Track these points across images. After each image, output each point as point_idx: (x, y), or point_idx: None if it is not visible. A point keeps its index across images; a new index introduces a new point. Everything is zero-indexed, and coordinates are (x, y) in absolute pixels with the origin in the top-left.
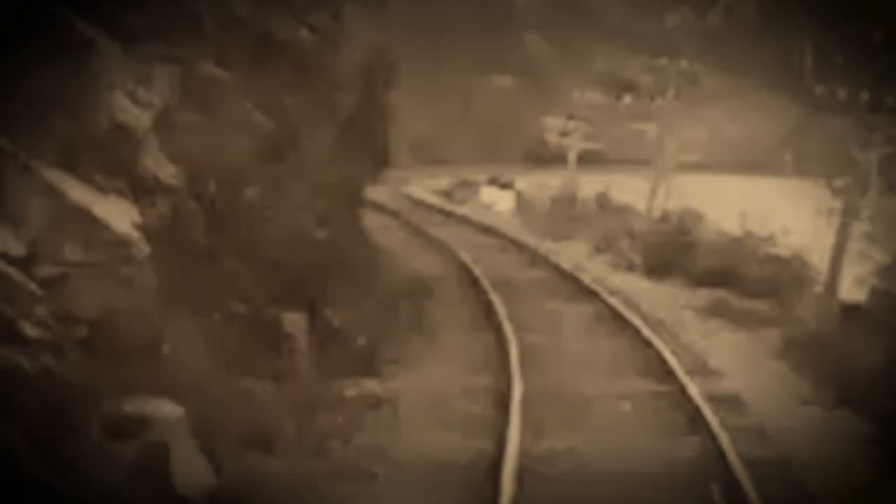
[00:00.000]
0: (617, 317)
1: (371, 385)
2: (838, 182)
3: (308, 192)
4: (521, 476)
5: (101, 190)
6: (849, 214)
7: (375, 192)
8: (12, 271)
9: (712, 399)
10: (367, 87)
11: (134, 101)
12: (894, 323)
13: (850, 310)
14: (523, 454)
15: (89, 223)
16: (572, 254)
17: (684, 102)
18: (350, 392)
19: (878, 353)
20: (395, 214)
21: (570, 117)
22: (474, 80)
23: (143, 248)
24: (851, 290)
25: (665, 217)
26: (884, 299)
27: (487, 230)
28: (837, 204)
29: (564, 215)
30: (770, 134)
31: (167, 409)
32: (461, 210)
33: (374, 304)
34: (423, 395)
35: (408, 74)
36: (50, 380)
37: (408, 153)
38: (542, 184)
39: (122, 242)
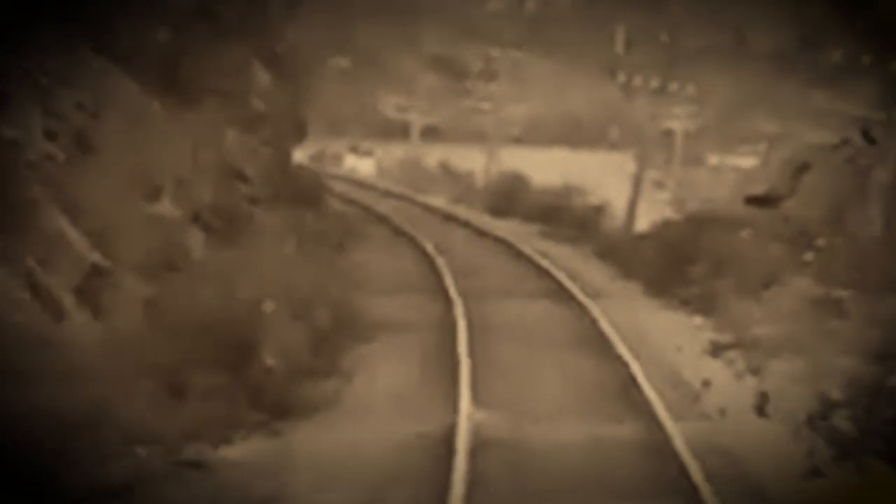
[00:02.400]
0: (484, 234)
1: None
2: (640, 153)
3: None
4: None
5: None
6: (644, 178)
7: None
8: None
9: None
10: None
11: None
12: (665, 238)
13: (639, 236)
14: None
15: None
16: (435, 201)
17: (512, 85)
18: None
19: (654, 257)
20: None
21: (408, 96)
22: (317, 62)
23: None
24: (642, 225)
25: (499, 177)
26: (662, 229)
27: (363, 184)
28: (636, 169)
29: (417, 177)
30: (589, 113)
31: None
32: (334, 171)
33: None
34: None
35: None
36: None
37: None
38: (391, 153)
39: None
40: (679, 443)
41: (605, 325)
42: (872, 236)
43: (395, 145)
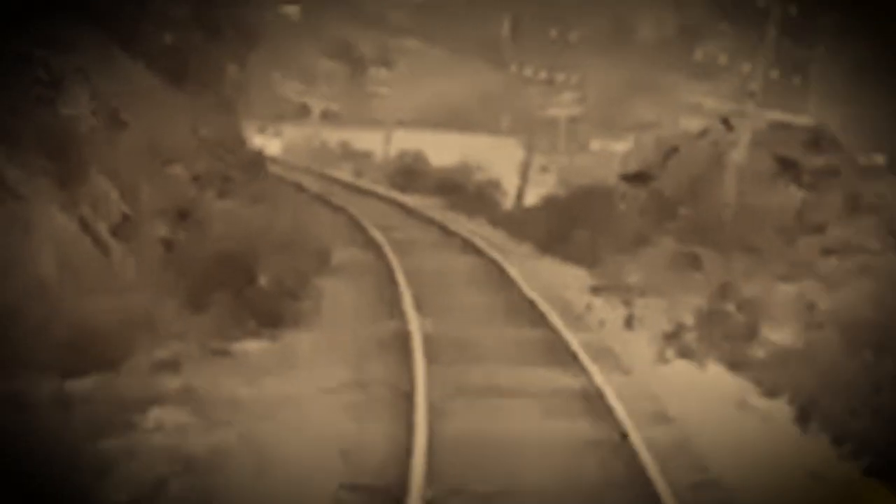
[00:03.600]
0: (394, 203)
1: None
2: (527, 138)
3: None
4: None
5: None
6: (532, 161)
7: None
8: None
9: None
10: None
11: None
12: (552, 209)
13: (529, 209)
14: None
15: None
16: (341, 176)
17: (407, 72)
18: None
19: (542, 224)
20: None
21: (308, 82)
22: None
23: None
24: (531, 200)
25: (399, 156)
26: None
27: (274, 160)
28: (524, 153)
29: (322, 156)
30: (480, 99)
31: None
32: None
33: None
34: None
35: None
36: None
37: None
38: (295, 134)
39: None
40: (568, 338)
41: (509, 270)
42: (725, 205)
43: (299, 127)
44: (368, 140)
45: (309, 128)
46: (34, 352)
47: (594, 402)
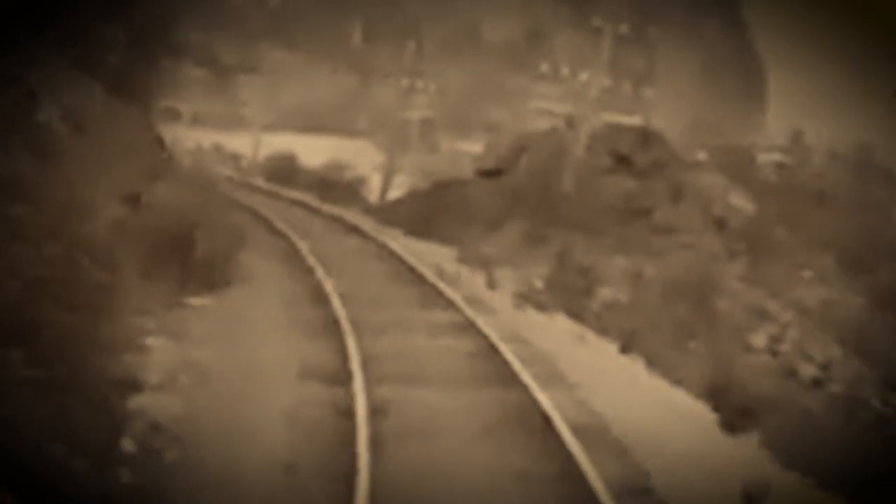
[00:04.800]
0: (278, 196)
1: None
2: (384, 139)
3: None
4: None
5: None
6: (390, 161)
7: None
8: None
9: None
10: None
11: None
12: (414, 201)
13: (393, 201)
14: None
15: None
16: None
17: (267, 76)
18: None
19: (410, 213)
20: None
21: (178, 88)
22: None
23: None
24: (394, 194)
25: (269, 157)
26: (410, 196)
27: None
28: (383, 153)
29: (197, 157)
30: (338, 102)
31: None
32: None
33: None
34: None
35: None
36: None
37: None
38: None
39: None
40: (446, 292)
41: (392, 247)
42: (566, 194)
43: (171, 130)
44: (239, 143)
45: (181, 131)
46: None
47: (470, 329)
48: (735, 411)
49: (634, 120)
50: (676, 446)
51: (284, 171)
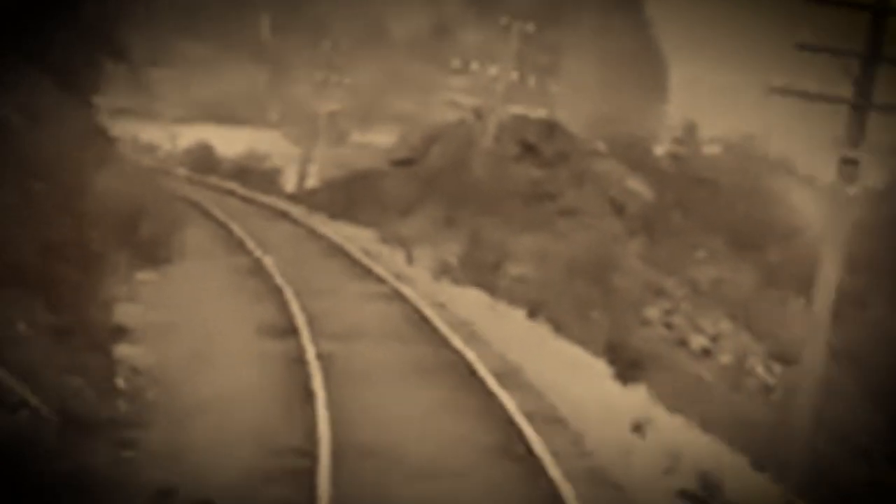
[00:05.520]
0: (200, 183)
1: None
2: (294, 131)
3: None
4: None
5: None
6: (307, 152)
7: None
8: None
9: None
10: None
11: None
12: (332, 189)
13: (310, 190)
14: None
15: None
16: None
17: (177, 70)
18: None
19: (330, 199)
20: None
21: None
22: None
23: None
24: (311, 184)
25: (188, 148)
26: (327, 185)
27: None
28: (296, 143)
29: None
30: (249, 95)
31: None
32: None
33: None
34: None
35: None
36: None
37: None
38: None
39: None
40: (371, 266)
41: (319, 229)
42: (479, 179)
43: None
44: (154, 134)
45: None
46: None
47: (396, 297)
48: (627, 365)
49: (540, 112)
50: (578, 390)
51: (205, 161)
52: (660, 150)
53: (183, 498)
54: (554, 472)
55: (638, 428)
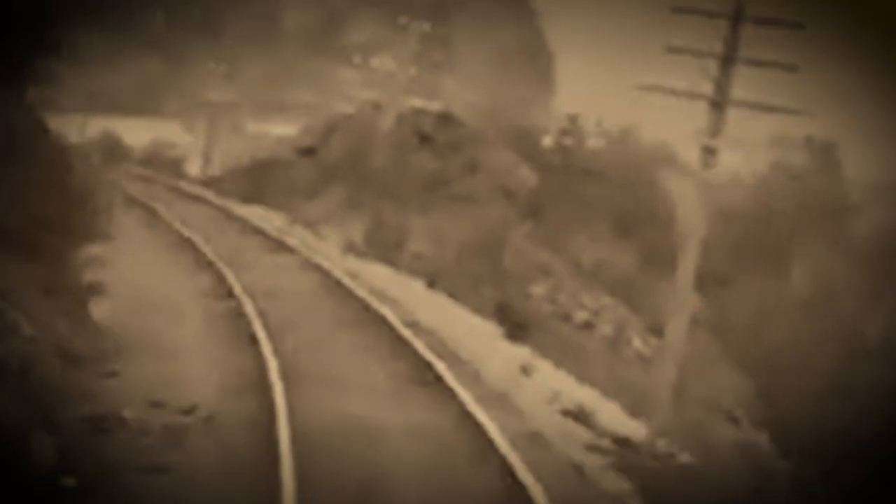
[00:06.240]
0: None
1: None
2: (193, 122)
3: None
4: None
5: None
6: (208, 141)
7: None
8: None
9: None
10: None
11: None
12: (238, 175)
13: (215, 177)
14: None
15: None
16: None
17: (82, 63)
18: None
19: (238, 185)
20: None
21: None
22: None
23: None
24: (215, 171)
25: (95, 140)
26: (232, 172)
27: None
28: (195, 135)
29: None
30: (146, 85)
31: None
32: None
33: None
34: None
35: None
36: None
37: None
38: None
39: None
40: (287, 242)
41: (236, 212)
42: (380, 166)
43: None
44: (64, 127)
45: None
46: None
47: (312, 267)
48: (515, 327)
49: (436, 105)
50: (474, 342)
51: (115, 150)
52: (548, 140)
53: (173, 406)
54: (464, 395)
55: (525, 370)
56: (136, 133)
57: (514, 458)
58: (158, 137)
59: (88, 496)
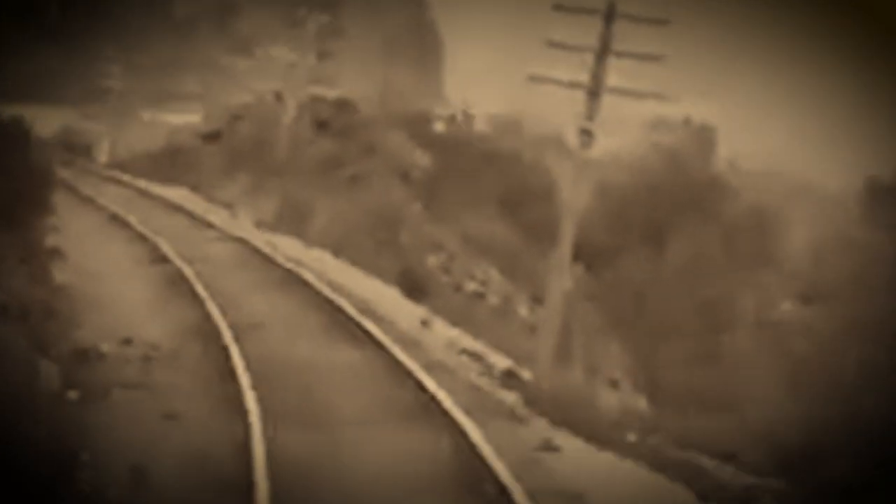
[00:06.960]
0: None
1: None
2: (92, 110)
3: None
4: None
5: None
6: (111, 128)
7: None
8: None
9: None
10: None
11: None
12: (146, 160)
13: (134, 159)
14: None
15: None
16: None
17: None
18: None
19: (151, 168)
20: None
21: None
22: None
23: None
24: (123, 156)
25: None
26: (138, 156)
27: None
28: (97, 123)
29: None
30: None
31: None
32: None
33: None
34: None
35: None
36: None
37: None
38: None
39: None
40: (208, 219)
41: (151, 191)
42: (283, 151)
43: None
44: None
45: None
46: None
47: (231, 239)
48: (415, 289)
49: (334, 93)
50: (381, 300)
51: (79, 148)
52: (440, 124)
53: (141, 342)
54: (382, 337)
55: (425, 323)
56: (44, 121)
57: (426, 378)
58: (64, 124)
59: (88, 404)
